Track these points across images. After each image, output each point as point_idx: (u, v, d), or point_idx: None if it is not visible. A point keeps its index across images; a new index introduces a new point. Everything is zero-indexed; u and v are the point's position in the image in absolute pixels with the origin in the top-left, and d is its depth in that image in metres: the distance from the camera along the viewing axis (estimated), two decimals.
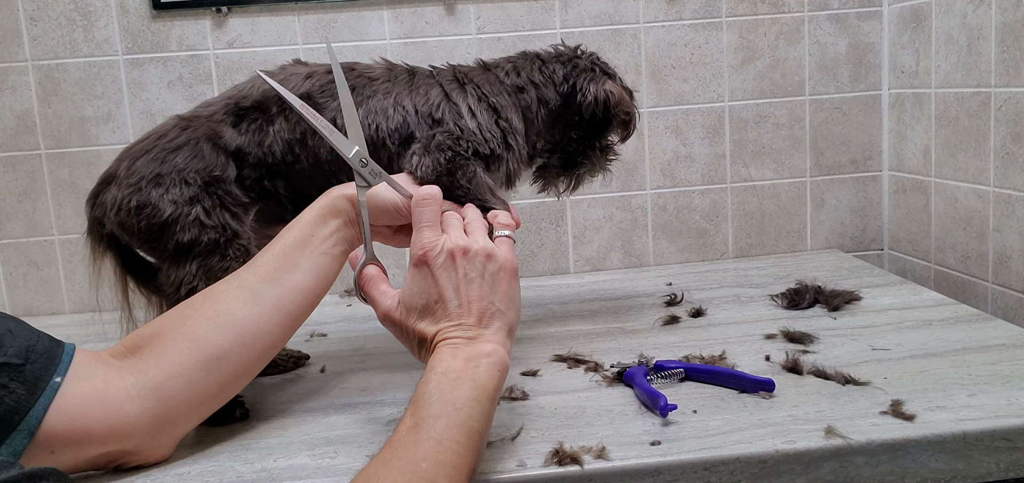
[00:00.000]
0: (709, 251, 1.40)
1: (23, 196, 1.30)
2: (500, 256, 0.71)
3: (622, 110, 0.97)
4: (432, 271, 0.69)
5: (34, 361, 0.63)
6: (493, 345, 0.67)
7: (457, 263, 0.70)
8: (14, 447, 0.61)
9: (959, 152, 1.18)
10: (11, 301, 1.32)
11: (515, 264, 0.72)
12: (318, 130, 0.78)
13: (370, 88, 0.89)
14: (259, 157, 0.86)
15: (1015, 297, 1.08)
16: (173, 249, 0.82)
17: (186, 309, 0.73)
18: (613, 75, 0.98)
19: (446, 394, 0.62)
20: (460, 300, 0.69)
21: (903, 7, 1.30)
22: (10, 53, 1.27)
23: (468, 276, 0.69)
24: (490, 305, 0.69)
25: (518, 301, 0.72)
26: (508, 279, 0.71)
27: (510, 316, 0.70)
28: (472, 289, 0.69)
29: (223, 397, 0.73)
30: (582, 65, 0.96)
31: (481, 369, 0.65)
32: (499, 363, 0.66)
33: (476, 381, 0.64)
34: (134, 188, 0.82)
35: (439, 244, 0.70)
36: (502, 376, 0.67)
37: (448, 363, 0.65)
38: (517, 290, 0.72)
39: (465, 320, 0.68)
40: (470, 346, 0.67)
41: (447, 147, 0.84)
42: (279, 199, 0.89)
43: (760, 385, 0.77)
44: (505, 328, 0.69)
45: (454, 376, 0.63)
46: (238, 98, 0.88)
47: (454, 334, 0.68)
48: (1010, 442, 0.67)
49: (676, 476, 0.65)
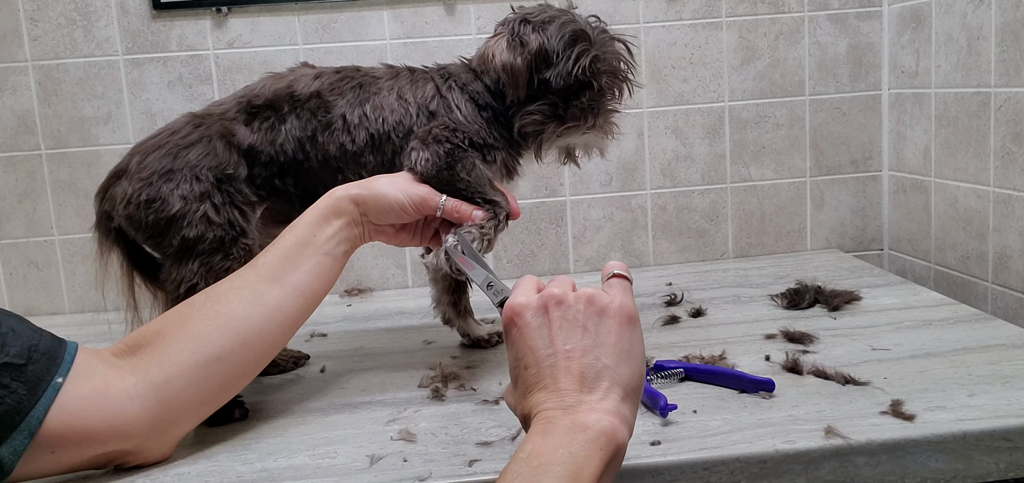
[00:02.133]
0: (709, 251, 1.40)
1: (23, 196, 1.30)
2: (605, 299, 0.59)
3: (490, 63, 0.88)
4: (521, 331, 0.59)
5: (36, 361, 0.63)
6: (598, 415, 0.54)
7: (550, 314, 0.59)
8: (15, 447, 0.61)
9: (959, 152, 1.18)
10: (11, 301, 1.32)
11: (632, 310, 0.59)
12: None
13: (375, 85, 0.90)
14: (271, 155, 0.87)
15: (1015, 297, 1.08)
16: (178, 245, 0.83)
17: (187, 309, 0.73)
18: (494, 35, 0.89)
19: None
20: (555, 359, 0.57)
21: (903, 7, 1.30)
22: (10, 53, 1.27)
23: (564, 328, 0.58)
24: (595, 361, 0.56)
25: (638, 355, 0.58)
26: (619, 327, 0.58)
27: (623, 373, 0.56)
28: (570, 342, 0.57)
29: (224, 397, 0.74)
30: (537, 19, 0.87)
31: (576, 448, 0.52)
32: (603, 438, 0.53)
33: (569, 466, 0.51)
34: (145, 182, 0.83)
35: (534, 301, 0.60)
36: (610, 455, 0.53)
37: (535, 444, 0.53)
38: (635, 342, 0.58)
39: (563, 384, 0.56)
40: (567, 417, 0.54)
41: (444, 138, 0.84)
42: (288, 197, 0.90)
43: (760, 385, 0.77)
44: (618, 391, 0.56)
45: (539, 463, 0.51)
46: (250, 97, 0.89)
47: (548, 404, 0.55)
48: (1010, 442, 0.67)
49: (676, 476, 0.65)
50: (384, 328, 1.12)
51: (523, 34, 0.87)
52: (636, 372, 0.58)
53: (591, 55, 0.86)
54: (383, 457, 0.69)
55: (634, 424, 0.57)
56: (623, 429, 0.55)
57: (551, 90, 0.87)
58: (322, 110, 0.88)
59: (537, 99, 0.88)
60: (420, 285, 1.35)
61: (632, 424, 0.57)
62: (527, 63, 0.86)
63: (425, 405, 0.81)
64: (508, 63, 0.86)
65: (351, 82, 0.90)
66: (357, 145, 0.88)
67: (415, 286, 1.37)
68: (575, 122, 0.88)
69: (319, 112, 0.88)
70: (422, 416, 0.78)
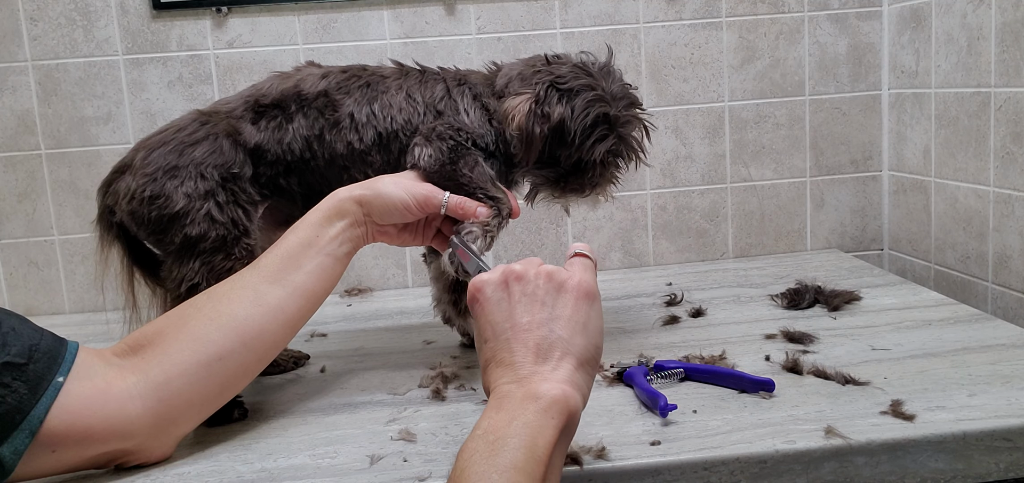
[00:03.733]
0: (709, 251, 1.40)
1: (23, 196, 1.30)
2: (564, 275, 0.60)
3: (508, 123, 0.86)
4: (483, 305, 0.60)
5: (37, 360, 0.63)
6: (550, 384, 0.55)
7: (510, 289, 0.60)
8: (15, 446, 0.61)
9: (959, 152, 1.18)
10: (11, 301, 1.32)
11: (590, 286, 0.60)
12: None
13: (383, 84, 0.91)
14: (278, 154, 0.88)
15: (1015, 297, 1.08)
16: (180, 243, 0.83)
17: (189, 308, 0.73)
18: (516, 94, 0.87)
19: (483, 464, 0.50)
20: (513, 333, 0.58)
21: (903, 7, 1.30)
22: (10, 53, 1.27)
23: (522, 302, 0.59)
24: (549, 333, 0.57)
25: (595, 329, 0.59)
26: (576, 301, 0.59)
27: (577, 345, 0.58)
28: (527, 315, 0.58)
29: (224, 397, 0.74)
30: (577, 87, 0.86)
31: (529, 417, 0.53)
32: (555, 407, 0.54)
33: (523, 437, 0.52)
34: (149, 178, 0.83)
35: (496, 277, 0.61)
36: (564, 423, 0.54)
37: (490, 420, 0.54)
38: (591, 316, 0.59)
39: (518, 356, 0.57)
40: (521, 389, 0.55)
41: (448, 136, 0.85)
42: (292, 196, 0.90)
43: (760, 385, 0.77)
44: (571, 360, 0.57)
45: (495, 437, 0.52)
46: (257, 96, 0.89)
47: (504, 379, 0.56)
48: (1010, 442, 0.67)
49: (676, 476, 0.65)
50: (384, 328, 1.12)
51: (548, 103, 0.86)
52: (591, 344, 0.59)
53: (608, 145, 0.87)
54: (383, 457, 0.69)
55: (589, 392, 0.59)
56: (576, 396, 0.56)
57: (558, 162, 0.89)
58: (330, 109, 0.88)
59: (544, 164, 0.89)
60: (420, 285, 1.35)
61: (586, 392, 0.58)
62: (543, 136, 0.86)
63: (425, 405, 0.81)
64: (526, 130, 0.85)
65: (358, 81, 0.90)
66: (364, 144, 0.88)
67: (415, 286, 1.37)
68: (574, 193, 0.92)
69: (327, 111, 0.88)
70: (422, 416, 0.78)
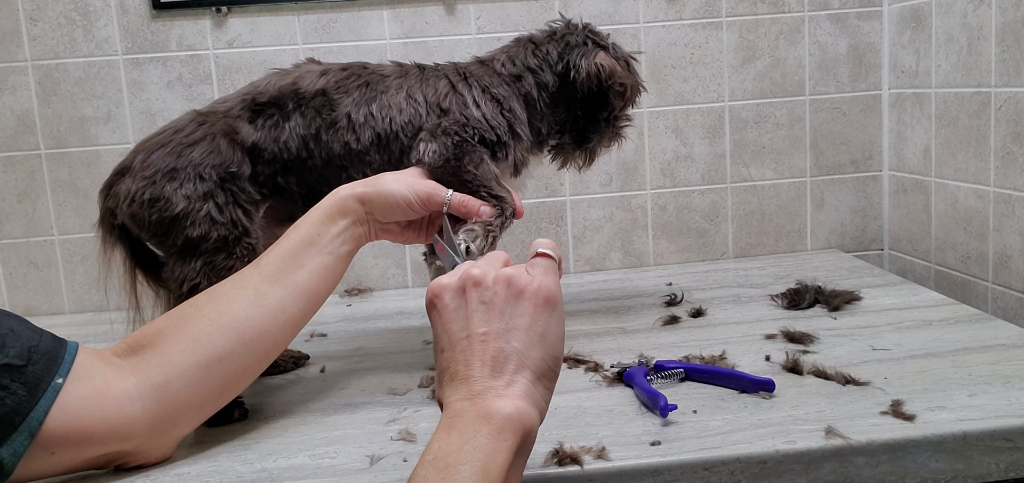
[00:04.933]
0: (709, 251, 1.40)
1: (23, 196, 1.30)
2: (524, 280, 0.56)
3: (616, 81, 0.94)
4: (440, 313, 0.57)
5: (36, 362, 0.63)
6: (504, 400, 0.52)
7: (467, 295, 0.57)
8: (15, 448, 0.61)
9: (959, 152, 1.18)
10: (11, 301, 1.32)
11: (550, 291, 0.56)
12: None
13: (383, 84, 0.90)
14: (275, 153, 0.87)
15: (1015, 297, 1.08)
16: (182, 244, 0.83)
17: (189, 308, 0.73)
18: (606, 46, 0.96)
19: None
20: (469, 343, 0.55)
21: (903, 7, 1.30)
22: (10, 53, 1.27)
23: (479, 310, 0.55)
24: (505, 345, 0.54)
25: (555, 338, 0.56)
26: (534, 309, 0.55)
27: (534, 357, 0.55)
28: (484, 325, 0.55)
29: (224, 398, 0.73)
30: (574, 41, 0.95)
31: (481, 441, 0.50)
32: (509, 426, 0.51)
33: (475, 464, 0.49)
34: (148, 181, 0.83)
35: (454, 282, 0.58)
36: (518, 441, 0.51)
37: (441, 443, 0.51)
38: (551, 324, 0.56)
39: (474, 370, 0.54)
40: (474, 407, 0.52)
41: (454, 132, 0.85)
42: (291, 195, 0.90)
43: (760, 385, 0.77)
44: (529, 375, 0.54)
45: (445, 464, 0.49)
46: (254, 94, 0.89)
47: (456, 396, 0.54)
48: (1010, 442, 0.67)
49: (676, 476, 0.65)
50: (384, 328, 1.12)
51: (618, 52, 0.97)
52: (549, 356, 0.56)
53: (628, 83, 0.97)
54: (383, 457, 0.69)
55: (547, 405, 0.56)
56: (532, 412, 0.53)
57: (574, 103, 0.96)
58: (327, 108, 0.88)
59: (568, 124, 0.98)
60: (420, 285, 1.35)
61: (544, 406, 0.56)
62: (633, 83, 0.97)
63: (425, 405, 0.81)
64: (624, 79, 0.95)
65: (358, 80, 0.90)
66: (362, 144, 0.88)
67: (415, 286, 1.37)
68: (601, 139, 1.00)
69: (324, 110, 0.88)
70: (422, 416, 0.78)
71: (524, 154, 0.93)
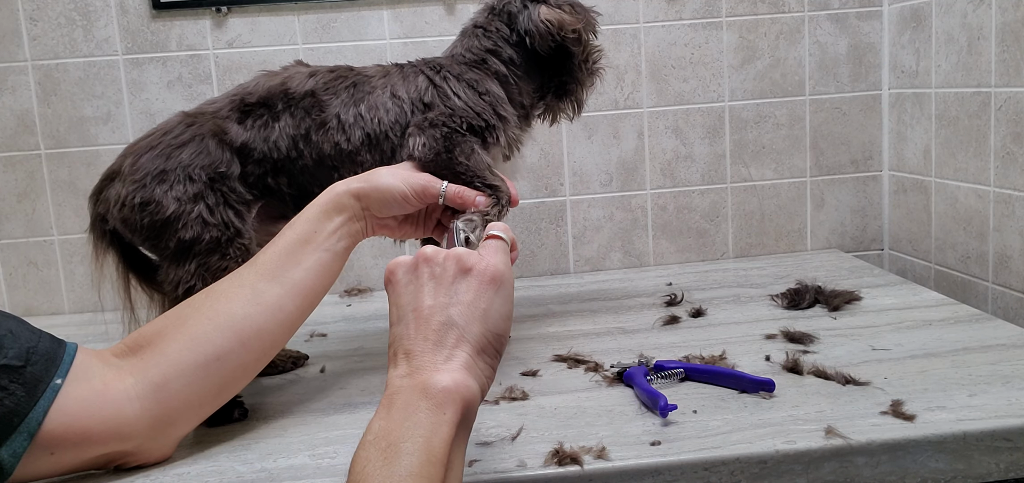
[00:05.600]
0: (709, 251, 1.40)
1: (23, 196, 1.30)
2: (473, 259, 0.58)
3: (567, 30, 0.93)
4: (394, 287, 0.59)
5: (35, 363, 0.63)
6: (442, 374, 0.53)
7: (419, 271, 0.58)
8: (14, 449, 0.61)
9: (959, 152, 1.18)
10: (11, 301, 1.32)
11: (497, 270, 0.58)
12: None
13: (368, 85, 0.91)
14: (264, 153, 0.87)
15: (1015, 297, 1.08)
16: (174, 247, 0.82)
17: (187, 308, 0.73)
18: (548, 1, 0.94)
19: (379, 475, 0.48)
20: (415, 315, 0.56)
21: (903, 7, 1.30)
22: (10, 53, 1.27)
23: (428, 286, 0.57)
24: (447, 319, 0.55)
25: (498, 315, 0.57)
26: (479, 286, 0.57)
27: (474, 331, 0.55)
28: (430, 299, 0.56)
29: (223, 397, 0.73)
30: (514, 8, 0.94)
31: (421, 417, 0.50)
32: (448, 399, 0.51)
33: (418, 441, 0.49)
34: (138, 184, 0.82)
35: (409, 260, 0.60)
36: (460, 415, 0.52)
37: (381, 423, 0.51)
38: (496, 302, 0.57)
39: (417, 344, 0.55)
40: (413, 381, 0.53)
41: (441, 123, 0.86)
42: (282, 196, 0.90)
43: (760, 385, 0.77)
44: (468, 347, 0.55)
45: (387, 443, 0.49)
46: (243, 94, 0.89)
47: (397, 373, 0.54)
48: (1010, 442, 0.67)
49: (676, 476, 0.65)
50: (384, 328, 1.12)
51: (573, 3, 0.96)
52: (490, 331, 0.56)
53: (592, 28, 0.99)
54: None
55: (489, 381, 0.57)
56: (472, 385, 0.54)
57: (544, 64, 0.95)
58: (316, 109, 0.88)
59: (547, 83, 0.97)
60: None
61: (485, 381, 0.56)
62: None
63: None
64: (576, 27, 0.93)
65: (345, 81, 0.90)
66: (353, 144, 0.88)
67: None
68: (581, 83, 0.99)
69: (313, 111, 0.88)
70: None
71: (515, 132, 0.94)
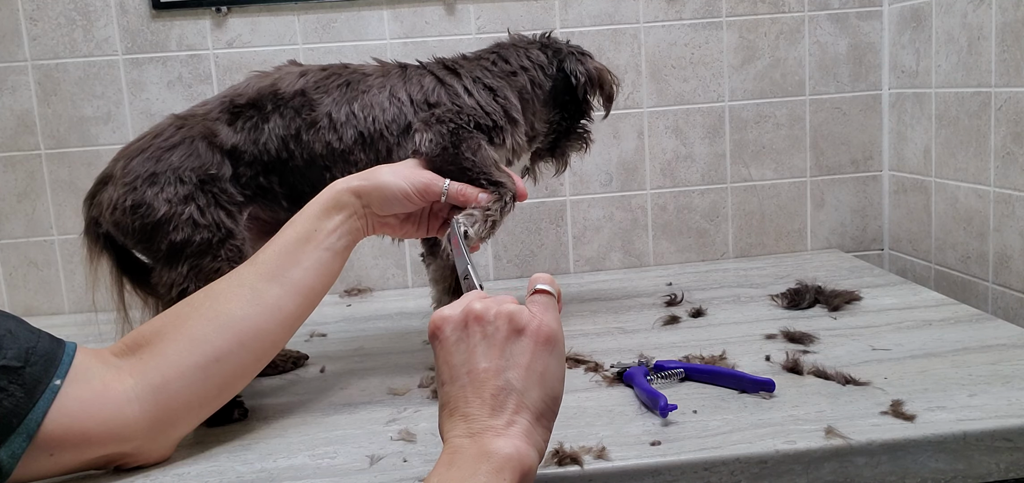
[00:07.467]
0: (709, 251, 1.40)
1: (23, 196, 1.30)
2: (526, 318, 0.56)
3: (608, 85, 1.01)
4: (442, 345, 0.57)
5: (34, 363, 0.63)
6: (504, 440, 0.52)
7: (470, 330, 0.57)
8: (13, 449, 0.61)
9: (959, 152, 1.18)
10: (11, 301, 1.32)
11: (551, 330, 0.56)
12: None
13: (364, 83, 0.90)
14: (255, 154, 0.87)
15: (1015, 297, 1.08)
16: (166, 249, 0.82)
17: (187, 308, 0.72)
18: (592, 56, 1.02)
19: None
20: (470, 379, 0.55)
21: (903, 7, 1.30)
22: (10, 53, 1.27)
23: (481, 346, 0.56)
24: (505, 384, 0.54)
25: (554, 378, 0.56)
26: (534, 348, 0.55)
27: (533, 397, 0.55)
28: (484, 361, 0.55)
29: (223, 398, 0.73)
30: (564, 50, 0.99)
31: (479, 479, 0.50)
32: (508, 466, 0.51)
33: None
34: (129, 187, 0.82)
35: (457, 315, 0.58)
36: (517, 482, 0.51)
37: (441, 477, 0.51)
38: (551, 364, 0.56)
39: (473, 407, 0.54)
40: (474, 445, 0.52)
41: (448, 120, 0.85)
42: (274, 196, 0.89)
43: (760, 385, 0.77)
44: (528, 414, 0.54)
45: None
46: (233, 96, 0.89)
47: (456, 432, 0.54)
48: (1010, 442, 0.67)
49: (676, 476, 0.65)
50: (384, 328, 1.12)
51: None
52: (548, 395, 0.56)
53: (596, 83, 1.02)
54: (383, 457, 0.69)
55: (546, 446, 0.57)
56: (531, 453, 0.53)
57: (562, 105, 1.00)
58: (306, 108, 0.88)
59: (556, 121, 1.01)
60: (420, 285, 1.35)
61: (543, 447, 0.56)
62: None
63: (425, 405, 0.81)
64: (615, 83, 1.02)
65: (338, 79, 0.90)
66: (345, 143, 0.88)
67: (415, 286, 1.36)
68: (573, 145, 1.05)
69: (303, 110, 0.88)
70: (422, 416, 0.78)
71: (521, 140, 0.94)
